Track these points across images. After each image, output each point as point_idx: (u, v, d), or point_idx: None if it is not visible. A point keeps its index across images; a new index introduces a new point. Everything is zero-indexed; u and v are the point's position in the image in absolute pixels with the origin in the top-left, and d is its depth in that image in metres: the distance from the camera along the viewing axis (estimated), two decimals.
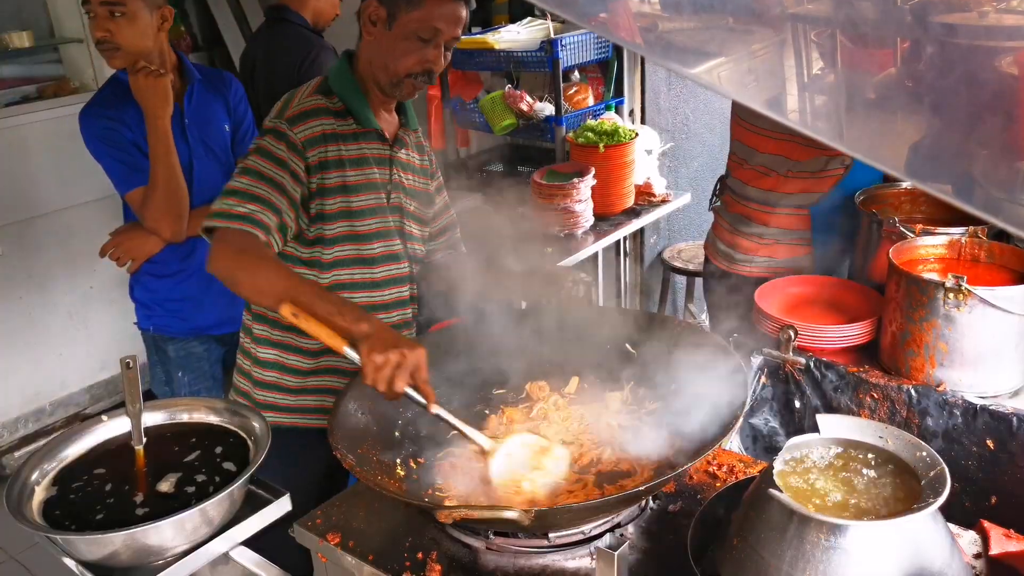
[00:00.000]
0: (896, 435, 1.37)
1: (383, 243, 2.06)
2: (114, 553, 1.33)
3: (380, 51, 1.94)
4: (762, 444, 2.15)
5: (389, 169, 2.06)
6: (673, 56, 1.00)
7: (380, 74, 1.96)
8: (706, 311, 3.13)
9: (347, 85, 1.99)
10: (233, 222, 1.77)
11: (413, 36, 1.89)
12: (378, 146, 2.04)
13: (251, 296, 1.79)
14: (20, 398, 4.22)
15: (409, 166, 2.14)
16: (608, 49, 3.95)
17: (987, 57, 0.74)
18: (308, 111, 1.93)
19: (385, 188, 2.06)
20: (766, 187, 2.53)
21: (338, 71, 2.01)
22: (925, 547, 1.24)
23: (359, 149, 1.99)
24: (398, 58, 1.91)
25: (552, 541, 1.52)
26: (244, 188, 1.83)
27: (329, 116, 1.95)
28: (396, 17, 1.88)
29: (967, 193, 0.77)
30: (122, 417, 1.58)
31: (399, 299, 2.14)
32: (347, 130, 1.98)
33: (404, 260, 2.12)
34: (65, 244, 4.25)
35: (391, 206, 2.08)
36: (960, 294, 1.81)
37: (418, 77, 1.94)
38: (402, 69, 1.92)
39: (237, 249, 1.75)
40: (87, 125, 2.57)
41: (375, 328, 1.60)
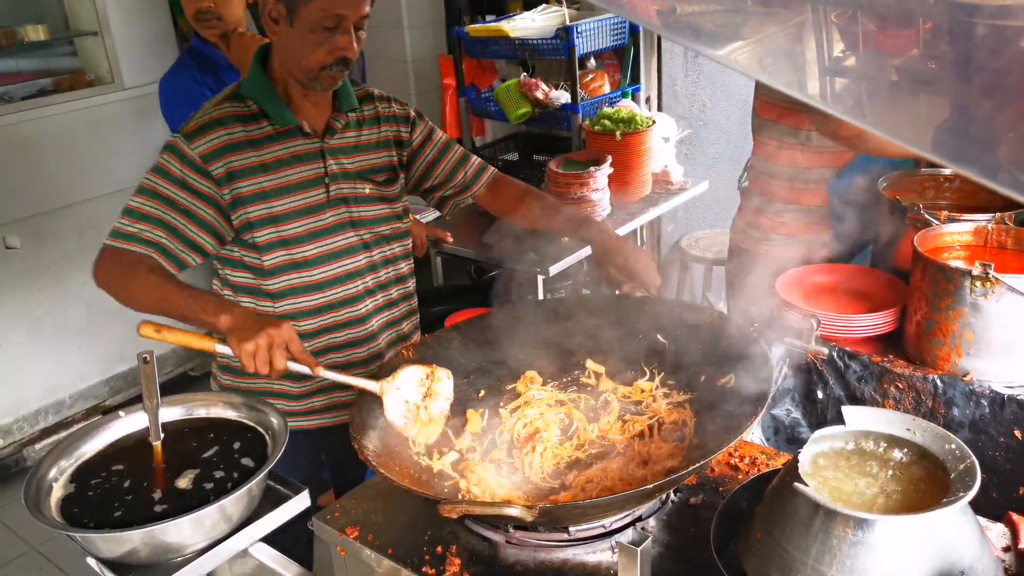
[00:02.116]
0: (924, 427, 1.34)
1: (318, 244, 2.00)
2: (133, 550, 1.33)
3: (288, 48, 1.88)
4: (784, 435, 2.13)
5: (322, 162, 1.99)
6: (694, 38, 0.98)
7: (295, 71, 1.90)
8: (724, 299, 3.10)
9: (259, 87, 1.94)
10: (119, 241, 1.84)
11: (318, 27, 1.82)
12: (303, 142, 1.97)
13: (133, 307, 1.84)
14: (40, 390, 4.25)
15: (352, 148, 2.05)
16: (624, 36, 3.91)
17: (1012, 36, 0.71)
18: (209, 123, 1.89)
19: (321, 183, 1.99)
20: (784, 162, 2.53)
21: (252, 75, 1.96)
22: (954, 542, 1.22)
23: (274, 152, 1.93)
24: (307, 53, 1.85)
25: (572, 535, 1.51)
26: (138, 208, 1.86)
27: (236, 124, 1.90)
28: (296, 12, 1.82)
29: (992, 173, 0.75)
30: (139, 413, 1.57)
31: (354, 295, 2.08)
32: (261, 134, 1.92)
33: (347, 257, 2.05)
34: (83, 237, 4.26)
35: (332, 200, 2.01)
36: (987, 282, 1.78)
37: (333, 67, 1.88)
38: (314, 63, 1.86)
39: (115, 264, 1.83)
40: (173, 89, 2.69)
41: (236, 318, 1.66)
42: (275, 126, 1.93)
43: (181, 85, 2.68)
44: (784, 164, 2.52)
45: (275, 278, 1.99)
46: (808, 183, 2.50)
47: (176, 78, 2.71)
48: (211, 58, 2.72)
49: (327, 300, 2.05)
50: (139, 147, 4.27)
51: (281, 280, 1.99)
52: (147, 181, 1.88)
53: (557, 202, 2.30)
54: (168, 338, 1.64)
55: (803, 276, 2.25)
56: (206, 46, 2.74)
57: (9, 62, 4.18)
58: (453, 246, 3.41)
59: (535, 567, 1.49)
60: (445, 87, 4.35)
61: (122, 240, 1.85)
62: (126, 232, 1.85)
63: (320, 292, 2.04)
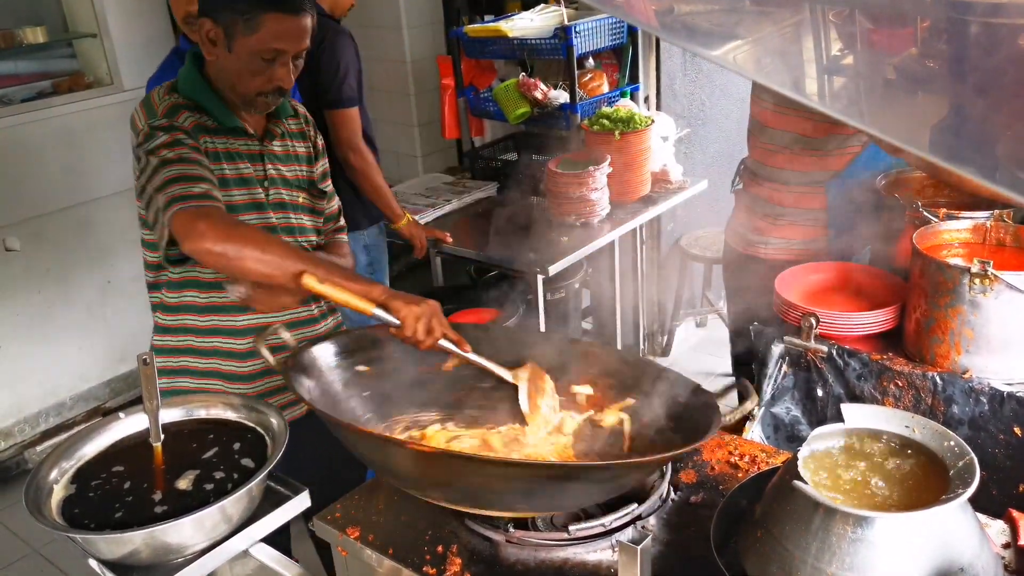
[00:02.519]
0: (923, 424, 1.35)
1: None
2: (134, 552, 1.33)
3: (224, 71, 1.86)
4: (784, 433, 2.13)
5: (262, 164, 1.97)
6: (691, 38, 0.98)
7: (228, 92, 1.88)
8: (724, 297, 3.10)
9: (198, 89, 1.90)
10: (198, 201, 1.67)
11: (256, 58, 1.80)
12: (245, 141, 1.95)
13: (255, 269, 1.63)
14: (40, 392, 4.25)
15: (288, 157, 2.04)
16: (623, 35, 3.91)
17: (1010, 35, 0.71)
18: (173, 107, 1.84)
19: (262, 184, 1.97)
20: (780, 165, 2.50)
21: (185, 78, 1.92)
22: (954, 538, 1.22)
23: (226, 143, 1.91)
24: (244, 80, 1.83)
25: (572, 534, 1.51)
26: (183, 173, 1.72)
27: (193, 111, 1.87)
28: (234, 38, 1.79)
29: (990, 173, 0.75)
30: (139, 414, 1.57)
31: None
32: (211, 124, 1.89)
33: None
34: (82, 239, 4.26)
35: (272, 203, 1.98)
36: (986, 279, 1.78)
37: (269, 95, 1.87)
38: (251, 90, 1.85)
39: (225, 222, 1.66)
40: None
41: (390, 290, 1.69)
42: (219, 123, 1.90)
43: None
44: (783, 168, 2.50)
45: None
46: (806, 186, 2.48)
47: (163, 81, 2.69)
48: None
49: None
50: None
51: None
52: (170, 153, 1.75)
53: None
54: (331, 292, 1.64)
55: (802, 274, 2.25)
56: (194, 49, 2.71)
57: (8, 64, 4.17)
58: (452, 246, 3.41)
59: (536, 566, 1.50)
60: (444, 87, 4.34)
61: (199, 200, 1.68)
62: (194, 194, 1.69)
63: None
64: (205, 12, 1.81)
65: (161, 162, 1.74)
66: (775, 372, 2.10)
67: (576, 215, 3.44)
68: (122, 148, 4.25)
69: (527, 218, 3.66)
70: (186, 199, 1.67)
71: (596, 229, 3.46)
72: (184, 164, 1.75)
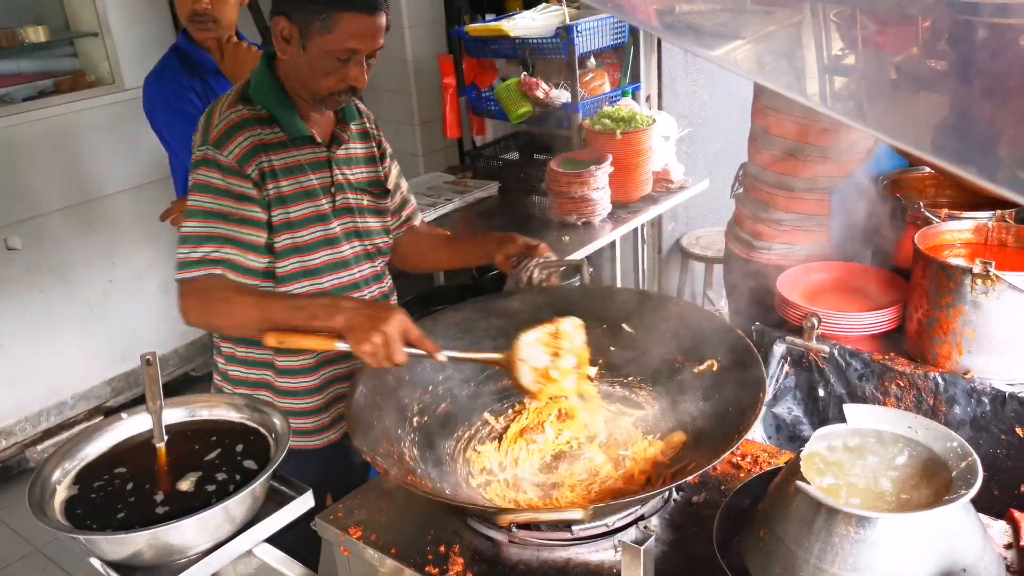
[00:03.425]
0: (925, 425, 1.35)
1: (327, 251, 1.98)
2: (137, 552, 1.33)
3: (297, 70, 1.85)
4: (785, 433, 2.13)
5: (329, 171, 1.98)
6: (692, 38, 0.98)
7: (301, 90, 1.88)
8: (725, 298, 3.10)
9: (269, 94, 1.90)
10: (191, 270, 1.81)
11: (331, 57, 1.79)
12: (311, 150, 1.95)
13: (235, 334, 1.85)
14: (42, 391, 4.25)
15: (353, 160, 2.05)
16: (624, 35, 3.91)
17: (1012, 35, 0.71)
18: (232, 126, 1.85)
19: (328, 192, 1.98)
20: (784, 171, 2.49)
21: (259, 79, 1.92)
22: (957, 539, 1.22)
23: (291, 157, 1.91)
24: (318, 79, 1.83)
25: (575, 534, 1.51)
26: (193, 232, 1.83)
27: (255, 125, 1.87)
28: (309, 37, 1.78)
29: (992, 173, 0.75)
30: (141, 415, 1.57)
31: None
32: (275, 139, 1.89)
33: (355, 266, 2.05)
34: (84, 238, 4.27)
35: (337, 209, 2.00)
36: (988, 279, 1.78)
37: (342, 95, 1.87)
38: (323, 89, 1.84)
39: (203, 297, 1.80)
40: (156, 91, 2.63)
41: (350, 316, 1.66)
42: (284, 134, 1.91)
43: (166, 88, 2.64)
44: (786, 174, 2.49)
45: (287, 285, 1.95)
46: (810, 192, 2.47)
47: (162, 80, 2.66)
48: (198, 60, 2.67)
49: None
50: (140, 148, 4.27)
51: (292, 287, 1.96)
52: (193, 203, 1.84)
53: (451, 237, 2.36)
54: (292, 344, 1.69)
55: (804, 274, 2.26)
56: (193, 47, 2.69)
57: (10, 63, 4.17)
58: None
59: (538, 566, 1.50)
60: (445, 86, 4.34)
61: (192, 268, 1.81)
62: (192, 260, 1.81)
63: None
64: (280, 11, 1.80)
65: (188, 211, 1.85)
66: (777, 372, 2.10)
67: (577, 214, 3.44)
68: (124, 147, 4.28)
69: (528, 217, 3.66)
70: (185, 266, 1.82)
71: (597, 228, 3.47)
72: (200, 219, 1.83)
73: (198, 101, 2.60)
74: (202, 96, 2.62)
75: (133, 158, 4.33)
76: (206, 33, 2.60)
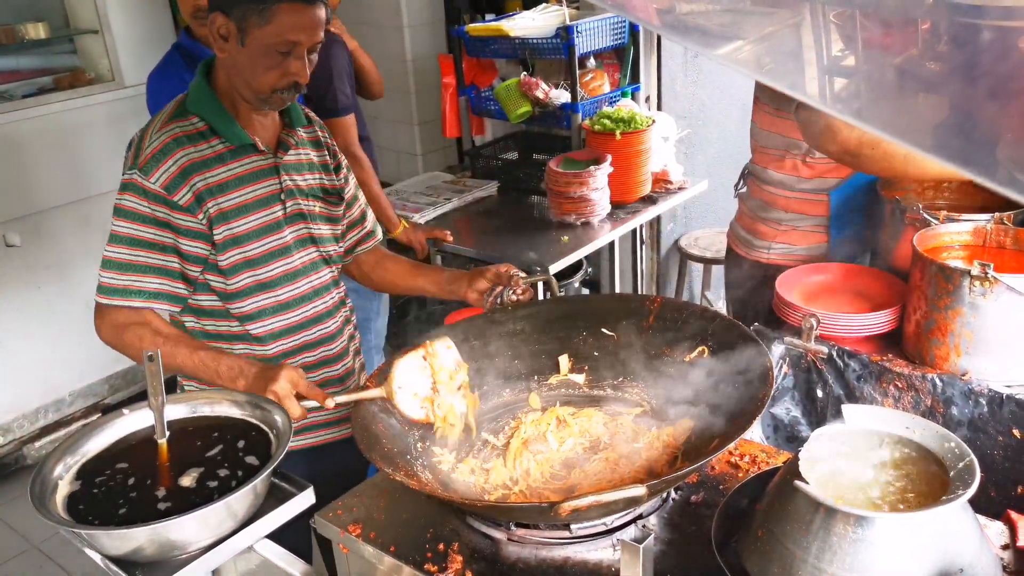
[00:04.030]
0: (923, 425, 1.35)
1: (280, 262, 1.95)
2: (138, 548, 1.33)
3: (238, 68, 1.81)
4: (784, 434, 2.14)
5: (278, 178, 1.94)
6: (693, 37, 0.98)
7: (244, 90, 1.84)
8: (723, 298, 3.10)
9: (207, 103, 1.86)
10: (111, 297, 1.83)
11: (271, 51, 1.76)
12: (256, 158, 1.91)
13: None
14: (40, 388, 4.25)
15: (302, 166, 2.01)
16: (624, 35, 3.92)
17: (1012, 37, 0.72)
18: (160, 150, 1.80)
19: (278, 199, 1.94)
20: (785, 171, 2.50)
21: (196, 90, 1.88)
22: (954, 539, 1.23)
23: (230, 170, 1.87)
24: (258, 75, 1.79)
25: (574, 532, 1.52)
26: (115, 257, 1.82)
27: (188, 144, 1.82)
28: (248, 32, 1.75)
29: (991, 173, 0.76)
30: (143, 411, 1.58)
31: (323, 310, 2.06)
32: (212, 153, 1.85)
33: (312, 273, 2.02)
34: (82, 234, 4.27)
35: (289, 216, 1.96)
36: (986, 281, 1.79)
37: (285, 92, 1.83)
38: (265, 85, 1.80)
39: (116, 327, 1.84)
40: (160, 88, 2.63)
41: (249, 381, 1.71)
42: (227, 144, 1.86)
43: (169, 84, 2.63)
44: (786, 174, 2.49)
45: (242, 300, 1.93)
46: (810, 193, 2.48)
47: (164, 77, 2.66)
48: (200, 57, 2.67)
49: (296, 320, 2.01)
50: None
51: (248, 303, 1.94)
52: (117, 228, 1.81)
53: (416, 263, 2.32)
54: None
55: (803, 275, 2.26)
56: (195, 44, 2.69)
57: (9, 60, 4.18)
58: (453, 245, 3.42)
59: (537, 565, 1.50)
60: (445, 86, 4.35)
61: (115, 296, 1.82)
62: (114, 287, 1.82)
63: (289, 311, 1.99)
64: (216, 7, 1.77)
65: (112, 235, 1.83)
66: (775, 373, 2.10)
67: (576, 214, 3.44)
68: (123, 144, 4.27)
69: (527, 217, 3.67)
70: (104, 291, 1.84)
71: (596, 229, 3.47)
72: (125, 246, 1.82)
73: None
74: None
75: None
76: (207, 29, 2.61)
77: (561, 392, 1.96)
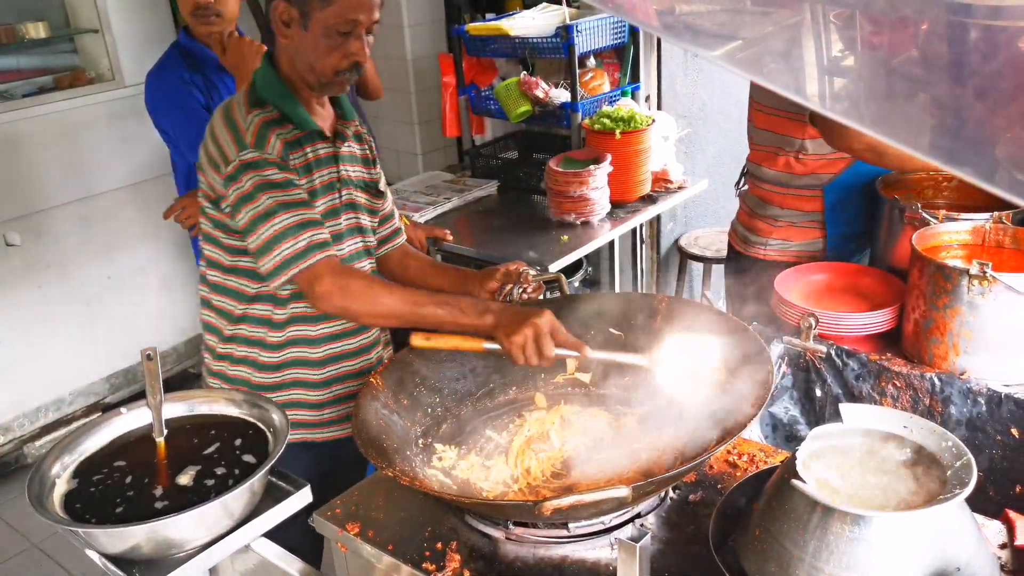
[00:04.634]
0: (921, 425, 1.35)
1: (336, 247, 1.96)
2: (135, 546, 1.33)
3: (301, 52, 1.87)
4: (782, 433, 2.14)
5: (336, 167, 2.00)
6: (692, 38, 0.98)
7: (307, 75, 1.89)
8: (723, 298, 3.11)
9: (276, 90, 1.91)
10: (306, 259, 1.78)
11: (332, 32, 1.81)
12: (321, 145, 1.97)
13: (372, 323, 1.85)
14: (40, 387, 4.25)
15: (352, 158, 2.07)
16: (624, 34, 3.92)
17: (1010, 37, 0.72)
18: (258, 131, 1.85)
19: (336, 188, 2.00)
20: (778, 168, 2.52)
21: (264, 78, 1.92)
22: (951, 538, 1.23)
23: (306, 155, 1.93)
24: (321, 57, 1.84)
25: (572, 531, 1.52)
26: (286, 224, 1.79)
27: (276, 127, 1.88)
28: (309, 16, 1.81)
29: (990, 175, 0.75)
30: (140, 409, 1.58)
31: None
32: (292, 136, 1.91)
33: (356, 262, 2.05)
34: (82, 234, 4.27)
35: (344, 204, 2.02)
36: (985, 280, 1.79)
37: (346, 72, 1.88)
38: (328, 68, 1.85)
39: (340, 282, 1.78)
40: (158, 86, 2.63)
41: (499, 316, 1.71)
42: (298, 130, 1.92)
43: (168, 82, 2.65)
44: (780, 170, 2.51)
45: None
46: (803, 189, 2.49)
47: (163, 76, 2.67)
48: (199, 56, 2.69)
49: None
50: (140, 144, 4.28)
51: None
52: (266, 202, 1.80)
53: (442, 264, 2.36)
54: (438, 344, 1.72)
55: (801, 274, 2.26)
56: (194, 43, 2.70)
57: (10, 59, 4.18)
58: (453, 244, 3.42)
59: (535, 563, 1.50)
60: (445, 85, 4.35)
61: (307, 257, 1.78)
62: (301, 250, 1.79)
63: None
64: None
65: (264, 213, 1.80)
66: (774, 372, 2.10)
67: (576, 214, 3.44)
68: (123, 144, 4.29)
69: (527, 216, 3.67)
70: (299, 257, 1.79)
71: (596, 228, 3.47)
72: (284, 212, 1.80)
73: (200, 95, 2.61)
74: (204, 91, 2.62)
75: (133, 155, 4.33)
76: (209, 27, 2.61)
77: (567, 391, 1.97)
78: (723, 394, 1.68)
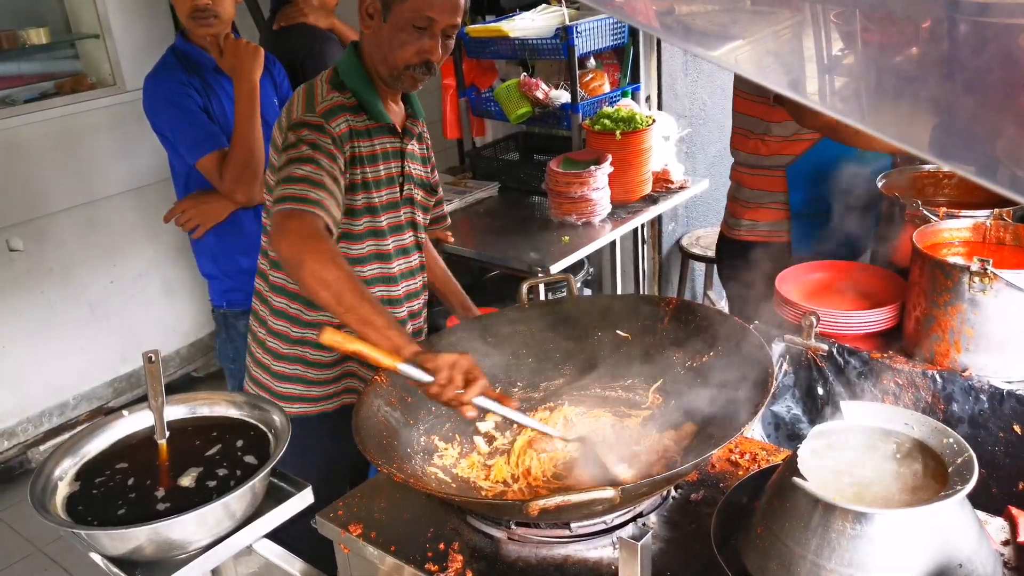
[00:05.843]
0: (922, 422, 1.35)
1: (395, 238, 2.09)
2: (138, 548, 1.34)
3: (379, 44, 1.93)
4: (784, 431, 2.14)
5: (401, 162, 2.07)
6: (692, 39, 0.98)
7: (380, 67, 1.96)
8: (725, 297, 3.12)
9: (358, 78, 1.98)
10: (307, 206, 1.75)
11: (409, 26, 1.87)
12: (390, 139, 2.04)
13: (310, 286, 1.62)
14: (44, 392, 4.26)
15: (416, 156, 2.15)
16: (624, 35, 3.92)
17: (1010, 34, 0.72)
18: (330, 109, 1.92)
19: (398, 181, 2.07)
20: (748, 150, 2.72)
21: (348, 64, 1.99)
22: (953, 535, 1.23)
23: (373, 146, 2.00)
24: (395, 50, 1.90)
25: (574, 531, 1.52)
26: (309, 176, 1.79)
27: (348, 113, 1.94)
28: (391, 8, 1.88)
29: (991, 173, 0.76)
30: (142, 412, 1.58)
31: (409, 292, 2.17)
32: (362, 126, 1.98)
33: (414, 253, 2.16)
34: (85, 239, 4.28)
35: (404, 198, 2.10)
36: (986, 277, 1.78)
37: (417, 69, 1.93)
38: (400, 61, 1.91)
39: (308, 233, 1.70)
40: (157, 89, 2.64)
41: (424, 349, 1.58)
42: (372, 120, 1.98)
43: (166, 85, 2.65)
44: (749, 152, 2.70)
45: (362, 266, 2.04)
46: (767, 170, 2.68)
47: (160, 80, 2.67)
48: (196, 59, 2.69)
49: (397, 295, 2.13)
50: (141, 149, 4.28)
51: (366, 269, 2.06)
52: (307, 152, 1.82)
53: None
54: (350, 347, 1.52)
55: (802, 272, 2.26)
56: (191, 46, 2.71)
57: (11, 65, 4.19)
58: (454, 246, 3.42)
59: (537, 563, 1.50)
60: (445, 87, 4.35)
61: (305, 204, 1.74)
62: (309, 198, 1.75)
63: (395, 285, 2.12)
64: None
65: (300, 157, 1.82)
66: (776, 370, 2.10)
67: (577, 215, 3.44)
68: (125, 148, 4.29)
69: (528, 217, 3.67)
70: (300, 200, 1.75)
71: (597, 229, 3.47)
72: (316, 167, 1.82)
73: (198, 97, 2.61)
74: (202, 93, 2.63)
75: (134, 159, 4.34)
76: (206, 29, 2.61)
77: (572, 392, 1.96)
78: (725, 395, 1.68)
